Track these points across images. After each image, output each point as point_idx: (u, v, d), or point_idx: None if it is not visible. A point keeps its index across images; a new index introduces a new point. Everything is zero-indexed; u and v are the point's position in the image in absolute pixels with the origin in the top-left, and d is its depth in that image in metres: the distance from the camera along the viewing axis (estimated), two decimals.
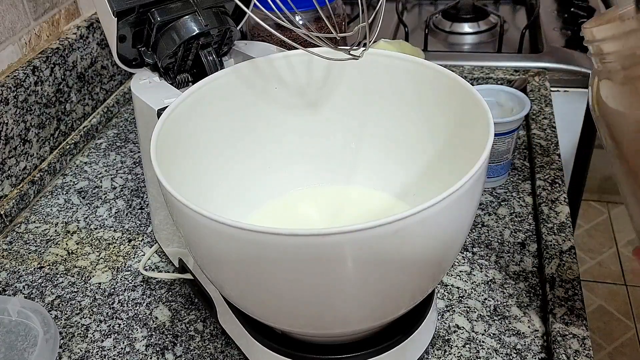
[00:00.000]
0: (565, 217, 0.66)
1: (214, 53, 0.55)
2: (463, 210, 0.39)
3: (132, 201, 0.76)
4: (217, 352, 0.56)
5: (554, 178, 0.72)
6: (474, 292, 0.60)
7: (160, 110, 0.48)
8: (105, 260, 0.67)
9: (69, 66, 0.84)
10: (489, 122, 0.42)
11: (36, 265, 0.67)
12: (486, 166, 0.40)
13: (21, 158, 0.77)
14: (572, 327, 0.54)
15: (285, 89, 0.55)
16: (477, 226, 0.68)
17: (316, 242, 0.35)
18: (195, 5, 0.53)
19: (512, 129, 0.69)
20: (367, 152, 0.57)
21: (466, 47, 1.10)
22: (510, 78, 0.92)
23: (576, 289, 0.57)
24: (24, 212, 0.75)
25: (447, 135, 0.51)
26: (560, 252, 0.61)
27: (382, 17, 0.46)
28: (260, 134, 0.56)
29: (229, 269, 0.40)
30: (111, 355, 0.56)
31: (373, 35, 0.45)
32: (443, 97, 0.49)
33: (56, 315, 0.61)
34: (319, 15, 0.79)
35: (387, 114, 0.55)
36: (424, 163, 0.54)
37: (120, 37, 0.53)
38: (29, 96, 0.77)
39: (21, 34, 0.79)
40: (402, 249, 0.37)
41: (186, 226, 0.40)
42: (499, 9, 1.21)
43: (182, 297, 0.62)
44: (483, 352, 0.54)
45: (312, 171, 0.59)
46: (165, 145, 0.45)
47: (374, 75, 0.53)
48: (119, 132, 0.90)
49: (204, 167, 0.52)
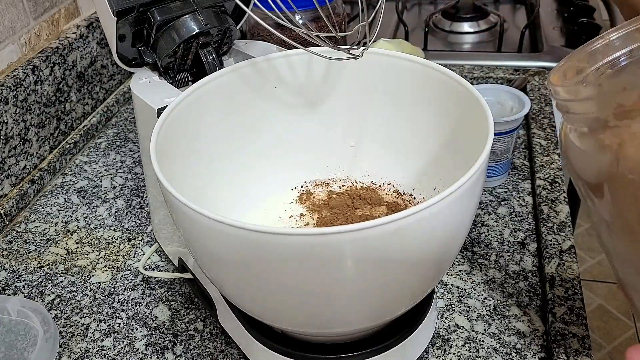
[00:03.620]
0: (565, 216, 0.66)
1: (213, 52, 0.55)
2: (463, 210, 0.39)
3: (132, 200, 0.76)
4: (217, 351, 0.56)
5: (553, 177, 0.72)
6: (473, 292, 0.60)
7: (160, 110, 0.48)
8: (105, 260, 0.67)
9: (69, 65, 0.84)
10: (489, 122, 0.42)
11: (36, 265, 0.67)
12: (486, 165, 0.40)
13: (21, 157, 0.77)
14: (571, 326, 0.54)
15: (285, 89, 0.55)
16: (476, 225, 0.68)
17: (316, 242, 0.35)
18: (195, 4, 0.53)
19: (512, 129, 0.69)
20: (367, 151, 0.57)
21: (466, 47, 1.10)
22: (510, 77, 0.92)
23: (576, 288, 0.57)
24: (23, 212, 0.75)
25: (446, 135, 0.51)
26: (560, 252, 0.61)
27: (382, 16, 0.46)
28: (260, 133, 0.56)
29: (229, 268, 0.40)
30: (111, 354, 0.56)
31: (373, 35, 0.45)
32: (443, 96, 0.49)
33: (56, 314, 0.61)
34: (318, 14, 0.79)
35: (387, 113, 0.55)
36: (424, 162, 0.54)
37: (120, 37, 0.53)
38: (29, 95, 0.77)
39: (21, 33, 0.79)
40: (401, 248, 0.37)
41: (186, 225, 0.40)
42: (498, 9, 1.21)
43: (182, 296, 0.62)
44: (483, 351, 0.54)
45: (312, 170, 0.59)
46: (164, 145, 0.45)
47: (373, 75, 0.53)
48: (118, 132, 0.90)
49: (203, 166, 0.52)
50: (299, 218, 0.55)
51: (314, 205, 0.56)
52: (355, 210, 0.54)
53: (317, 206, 0.56)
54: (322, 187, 0.59)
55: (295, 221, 0.55)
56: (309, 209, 0.56)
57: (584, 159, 0.38)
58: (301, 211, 0.56)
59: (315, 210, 0.55)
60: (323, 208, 0.55)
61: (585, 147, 0.37)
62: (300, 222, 0.55)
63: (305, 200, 0.57)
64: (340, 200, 0.55)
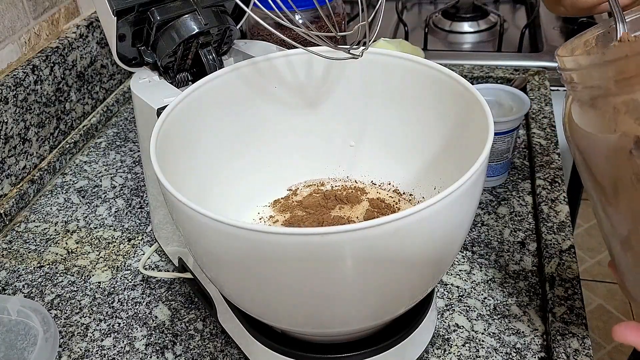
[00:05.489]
0: (565, 216, 0.66)
1: (213, 52, 0.55)
2: (463, 209, 0.39)
3: (132, 200, 0.76)
4: (216, 351, 0.56)
5: (553, 177, 0.72)
6: (473, 291, 0.60)
7: (160, 109, 0.48)
8: (105, 260, 0.67)
9: (69, 65, 0.84)
10: (489, 121, 0.42)
11: (36, 265, 0.67)
12: (486, 165, 0.40)
13: (21, 157, 0.77)
14: (571, 326, 0.54)
15: (285, 88, 0.55)
16: (476, 225, 0.68)
17: (316, 242, 0.35)
18: (194, 4, 0.53)
19: (512, 128, 0.69)
20: (367, 151, 0.57)
21: (466, 46, 1.10)
22: (510, 77, 0.92)
23: (576, 288, 0.57)
24: (23, 211, 0.75)
25: (446, 134, 0.51)
26: (559, 251, 0.61)
27: (382, 16, 0.46)
28: (259, 132, 0.56)
29: (229, 268, 0.40)
30: (111, 354, 0.56)
31: (373, 35, 0.45)
32: (443, 96, 0.49)
33: (56, 314, 0.61)
34: (318, 14, 0.79)
35: (387, 112, 0.55)
36: (424, 162, 0.54)
37: (120, 36, 0.53)
38: (29, 95, 0.77)
39: (21, 33, 0.79)
40: (401, 248, 0.37)
41: (186, 225, 0.40)
42: (498, 8, 1.21)
43: (181, 296, 0.62)
44: (483, 351, 0.54)
45: (312, 170, 0.59)
46: (164, 144, 0.45)
47: (373, 75, 0.53)
48: (118, 131, 0.90)
49: (203, 166, 0.52)
50: (299, 217, 0.55)
51: (289, 207, 0.56)
52: (330, 211, 0.54)
53: (292, 207, 0.56)
54: (321, 188, 0.59)
55: (295, 221, 0.55)
56: (300, 208, 0.56)
57: (589, 140, 0.38)
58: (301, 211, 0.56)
59: (288, 211, 0.55)
60: (296, 208, 0.55)
61: (588, 122, 0.37)
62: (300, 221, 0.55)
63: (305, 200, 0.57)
64: (314, 201, 0.55)
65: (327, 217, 0.53)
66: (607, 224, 0.40)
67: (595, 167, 0.38)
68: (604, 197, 0.39)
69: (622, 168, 0.36)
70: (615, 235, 0.40)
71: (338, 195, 0.56)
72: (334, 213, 0.54)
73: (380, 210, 0.54)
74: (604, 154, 0.37)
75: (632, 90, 0.34)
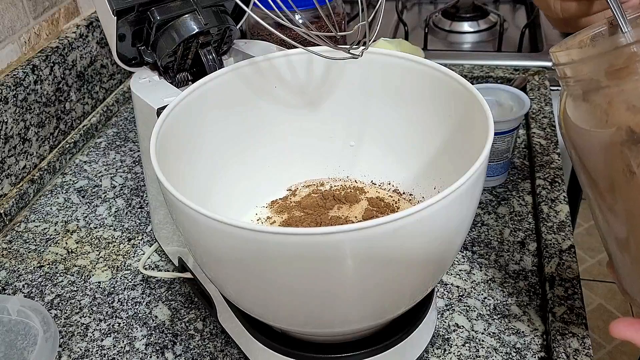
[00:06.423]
0: (565, 216, 0.66)
1: (213, 52, 0.55)
2: (463, 209, 0.39)
3: (132, 200, 0.76)
4: (216, 351, 0.56)
5: (553, 177, 0.72)
6: (473, 291, 0.60)
7: (160, 109, 0.48)
8: (104, 259, 0.67)
9: (69, 65, 0.84)
10: (489, 121, 0.42)
11: (36, 264, 0.67)
12: (486, 165, 0.40)
13: (21, 157, 0.77)
14: (571, 325, 0.54)
15: (285, 88, 0.55)
16: (476, 225, 0.68)
17: (316, 241, 0.35)
18: (194, 4, 0.53)
19: (512, 128, 0.69)
20: (367, 151, 0.57)
21: (466, 46, 1.10)
22: (510, 77, 0.92)
23: (576, 287, 0.57)
24: (23, 211, 0.75)
25: (446, 134, 0.51)
26: (559, 251, 0.61)
27: (382, 16, 0.46)
28: (259, 132, 0.56)
29: (229, 268, 0.40)
30: (111, 354, 0.56)
31: (373, 34, 0.45)
32: (443, 96, 0.49)
33: (56, 314, 0.61)
34: (318, 14, 0.79)
35: (387, 112, 0.55)
36: (424, 162, 0.54)
37: (120, 36, 0.53)
38: (29, 95, 0.77)
39: (21, 32, 0.79)
40: (401, 247, 0.37)
41: (186, 225, 0.40)
42: (498, 8, 1.21)
43: (181, 296, 0.62)
44: (483, 350, 0.54)
45: (311, 169, 0.59)
46: (164, 144, 0.45)
47: (373, 74, 0.53)
48: (118, 131, 0.90)
49: (203, 166, 0.52)
50: (299, 217, 0.55)
51: (287, 208, 0.56)
52: (328, 211, 0.54)
53: (289, 207, 0.56)
54: (320, 188, 0.59)
55: (295, 220, 0.55)
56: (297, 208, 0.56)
57: (583, 136, 0.38)
58: (296, 213, 0.56)
59: (285, 212, 0.55)
60: (294, 209, 0.55)
61: (582, 117, 0.38)
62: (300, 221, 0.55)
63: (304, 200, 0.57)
64: (313, 201, 0.55)
65: (325, 217, 0.53)
66: (604, 223, 0.40)
67: (590, 165, 0.39)
68: (599, 196, 0.39)
69: (615, 163, 0.36)
70: (612, 234, 0.40)
71: (336, 195, 0.56)
72: (332, 213, 0.54)
73: (380, 210, 0.54)
74: (598, 150, 0.37)
75: (621, 82, 0.34)
